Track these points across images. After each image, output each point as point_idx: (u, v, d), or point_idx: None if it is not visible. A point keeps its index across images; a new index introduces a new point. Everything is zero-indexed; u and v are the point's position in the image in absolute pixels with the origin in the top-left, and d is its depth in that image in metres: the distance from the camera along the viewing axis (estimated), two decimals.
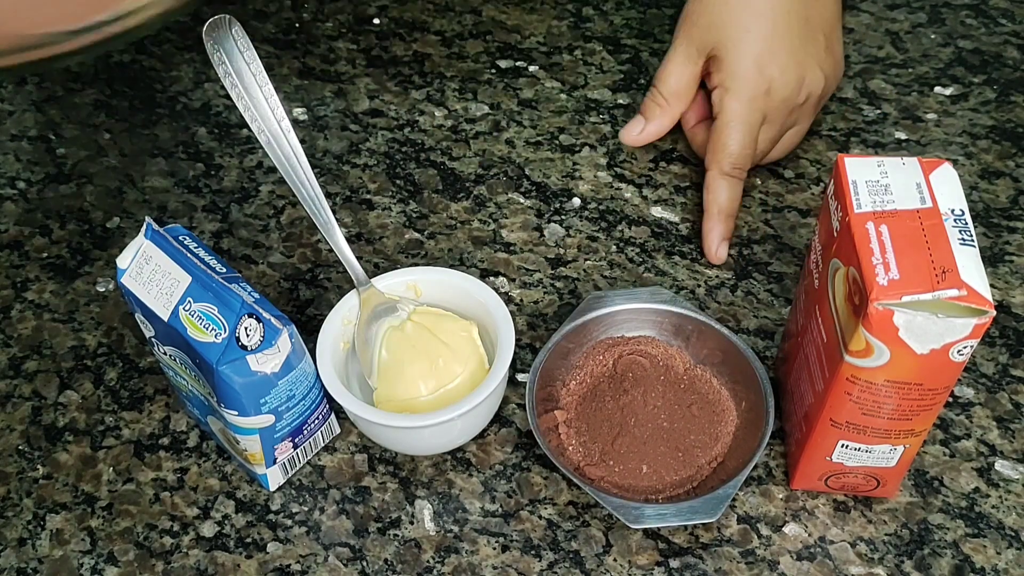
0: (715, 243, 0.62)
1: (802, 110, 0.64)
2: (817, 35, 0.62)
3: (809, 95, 0.62)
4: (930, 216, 0.42)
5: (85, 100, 0.76)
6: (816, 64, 0.62)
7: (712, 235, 0.62)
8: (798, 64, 0.61)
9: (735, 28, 0.61)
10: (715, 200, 0.62)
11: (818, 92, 0.63)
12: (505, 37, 0.80)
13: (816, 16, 0.62)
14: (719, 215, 0.62)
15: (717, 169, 0.62)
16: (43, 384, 0.58)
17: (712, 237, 0.62)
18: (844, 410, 0.45)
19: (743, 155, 0.61)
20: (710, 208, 0.62)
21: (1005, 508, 0.51)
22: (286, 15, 0.83)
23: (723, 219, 0.62)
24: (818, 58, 0.62)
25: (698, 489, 0.51)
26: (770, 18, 0.60)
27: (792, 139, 0.66)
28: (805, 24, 0.61)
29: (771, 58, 0.60)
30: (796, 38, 0.61)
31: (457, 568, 0.50)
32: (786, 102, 0.61)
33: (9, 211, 0.68)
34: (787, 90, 0.61)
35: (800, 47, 0.61)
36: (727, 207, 0.62)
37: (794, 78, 0.61)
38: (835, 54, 0.64)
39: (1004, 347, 0.58)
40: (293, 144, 0.52)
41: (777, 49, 0.60)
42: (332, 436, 0.55)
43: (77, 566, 0.51)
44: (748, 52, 0.60)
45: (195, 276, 0.48)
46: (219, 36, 0.49)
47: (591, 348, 0.56)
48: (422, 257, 0.64)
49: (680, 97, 0.64)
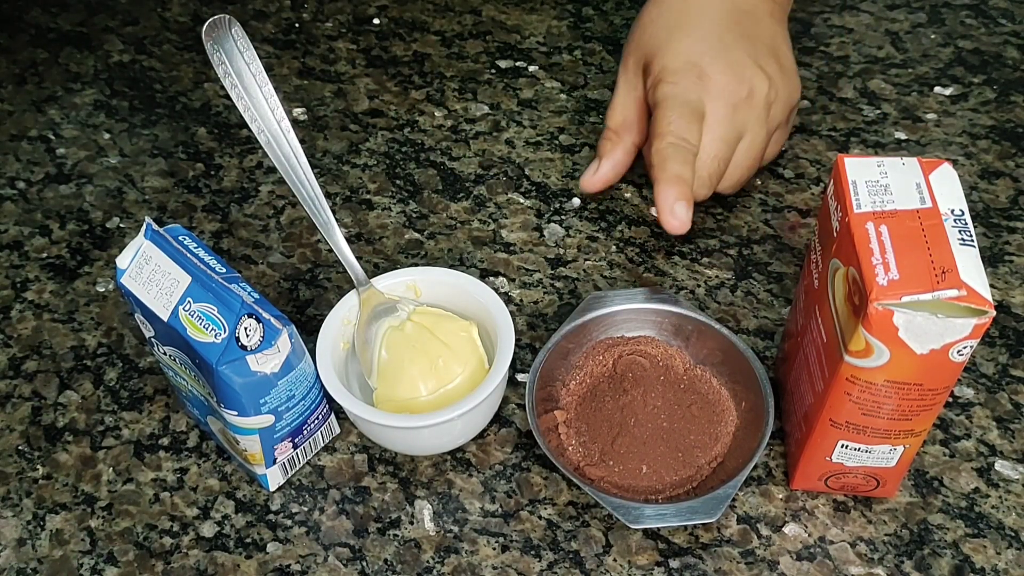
0: (669, 202, 0.56)
1: (749, 111, 0.60)
2: (754, 42, 0.61)
3: (752, 91, 0.59)
4: (930, 216, 0.42)
5: (85, 100, 0.76)
6: (754, 63, 0.60)
7: (664, 195, 0.56)
8: (731, 59, 0.60)
9: (665, 37, 0.61)
10: (662, 164, 0.57)
11: (763, 92, 0.60)
12: (505, 37, 0.80)
13: (751, 29, 0.62)
14: (668, 179, 0.56)
15: (660, 140, 0.58)
16: (43, 384, 0.58)
17: (664, 197, 0.56)
18: (844, 410, 0.45)
19: (687, 129, 0.58)
20: (658, 175, 0.57)
21: (1005, 508, 0.51)
22: (286, 15, 0.83)
23: (675, 180, 0.56)
24: (755, 58, 0.60)
25: (698, 489, 0.51)
26: (699, 26, 0.61)
27: (750, 151, 0.61)
28: (738, 31, 0.61)
29: (701, 53, 0.59)
30: (728, 40, 0.60)
31: (457, 568, 0.50)
32: (724, 92, 0.59)
33: (9, 211, 0.68)
34: (722, 77, 0.59)
35: (733, 46, 0.60)
36: (677, 170, 0.57)
37: (726, 66, 0.59)
38: (781, 61, 0.62)
39: (1004, 347, 0.58)
40: (293, 144, 0.52)
41: (707, 47, 0.60)
42: (332, 436, 0.55)
43: (77, 566, 0.51)
44: (678, 49, 0.60)
45: (195, 276, 0.48)
46: (219, 36, 0.49)
47: (591, 348, 0.56)
48: (422, 257, 0.64)
49: (629, 127, 0.63)
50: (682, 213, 0.56)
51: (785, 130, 0.65)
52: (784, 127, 0.64)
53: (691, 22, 0.61)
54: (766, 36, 0.62)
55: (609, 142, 0.64)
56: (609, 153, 0.63)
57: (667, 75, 0.60)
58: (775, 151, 0.65)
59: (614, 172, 0.64)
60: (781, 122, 0.63)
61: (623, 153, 0.63)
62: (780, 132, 0.64)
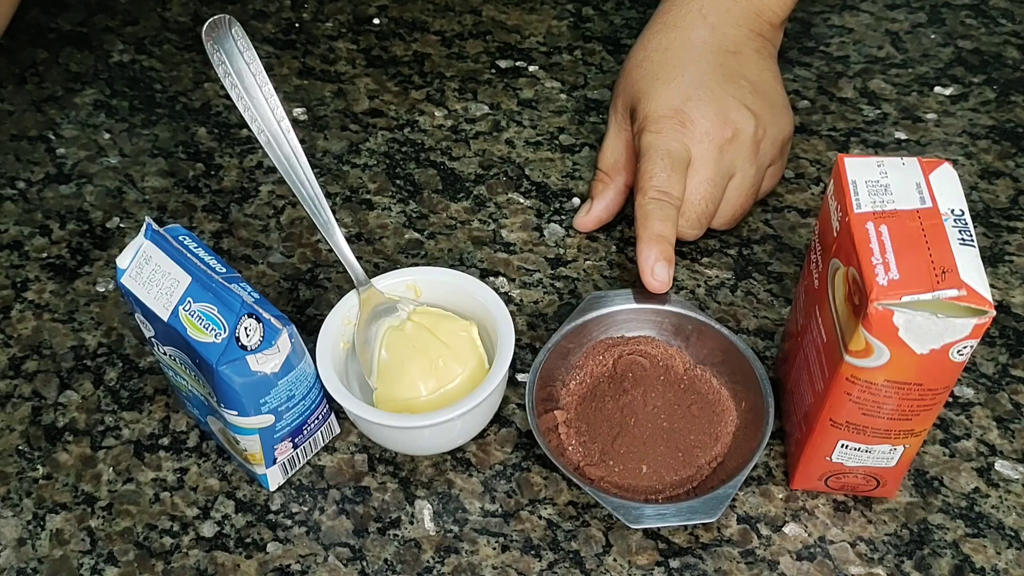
0: (650, 262, 0.55)
1: (737, 151, 0.59)
2: (738, 82, 0.61)
3: (736, 131, 0.59)
4: (930, 216, 0.42)
5: (85, 100, 0.76)
6: (739, 104, 0.60)
7: (645, 255, 0.56)
8: (715, 102, 0.59)
9: (650, 82, 0.62)
10: (644, 222, 0.57)
11: (749, 131, 0.59)
12: (505, 37, 0.80)
13: (736, 69, 0.62)
14: (650, 238, 0.56)
15: (642, 196, 0.58)
16: (43, 384, 0.58)
17: (645, 257, 0.56)
18: (844, 410, 0.45)
19: (668, 182, 0.57)
20: (640, 232, 0.57)
21: (1005, 508, 0.51)
22: (286, 15, 0.83)
23: (656, 240, 0.56)
24: (741, 98, 0.60)
25: (698, 489, 0.51)
26: (681, 72, 0.61)
27: (740, 189, 0.61)
28: (721, 74, 0.61)
29: (684, 99, 0.60)
30: (712, 84, 0.60)
31: (457, 568, 0.50)
32: (708, 135, 0.59)
33: (9, 211, 0.68)
34: (705, 121, 0.59)
35: (717, 89, 0.60)
36: (659, 228, 0.56)
37: (709, 110, 0.59)
38: (769, 98, 0.62)
39: (1004, 347, 0.58)
40: (293, 144, 0.52)
41: (690, 93, 0.60)
42: (332, 436, 0.55)
43: (77, 566, 0.51)
44: (662, 95, 0.60)
45: (195, 276, 0.48)
46: (219, 36, 0.49)
47: (591, 348, 0.56)
48: (422, 257, 0.64)
49: (619, 168, 0.64)
50: (662, 274, 0.56)
51: (780, 164, 0.64)
52: (779, 161, 0.64)
53: (674, 68, 0.61)
54: (752, 75, 0.62)
55: (601, 183, 0.64)
56: (601, 194, 0.64)
57: (650, 124, 0.60)
58: (771, 185, 0.65)
59: (607, 212, 0.64)
60: (774, 157, 0.62)
61: (615, 193, 0.64)
62: (775, 167, 0.64)
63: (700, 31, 0.63)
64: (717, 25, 0.63)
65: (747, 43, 0.63)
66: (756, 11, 0.64)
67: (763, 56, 0.64)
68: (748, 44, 0.63)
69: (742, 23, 0.63)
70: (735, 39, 0.63)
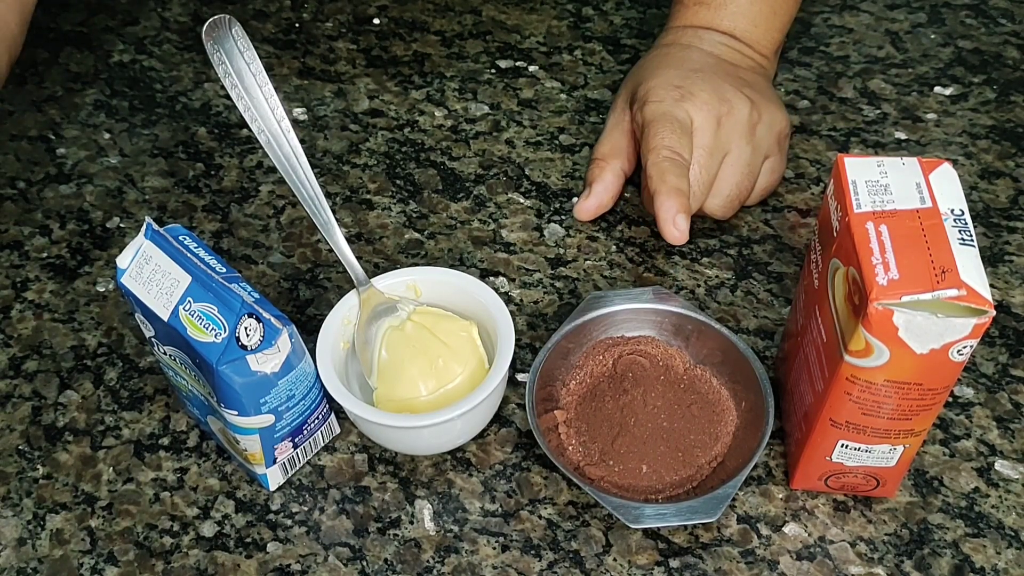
0: (671, 213, 0.57)
1: (732, 127, 0.60)
2: (735, 77, 0.63)
3: (732, 108, 0.60)
4: (930, 216, 0.42)
5: (85, 100, 0.76)
6: (735, 89, 0.62)
7: (666, 207, 0.57)
8: (714, 82, 0.62)
9: (651, 70, 0.64)
10: (661, 176, 0.57)
11: (744, 111, 0.61)
12: (505, 37, 0.80)
13: (731, 70, 0.64)
14: (668, 191, 0.57)
15: (655, 155, 0.58)
16: (43, 384, 0.58)
17: (667, 208, 0.57)
18: (844, 410, 0.45)
19: (678, 143, 0.58)
20: (658, 186, 0.57)
21: (1005, 508, 0.51)
22: (286, 15, 0.83)
23: (676, 192, 0.57)
24: (737, 86, 0.62)
25: (698, 489, 0.51)
26: (681, 63, 0.64)
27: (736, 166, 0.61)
28: (721, 70, 0.64)
29: (683, 78, 0.62)
30: (710, 72, 0.63)
31: (457, 568, 0.50)
32: (707, 105, 0.60)
33: (9, 211, 0.68)
34: (705, 94, 0.61)
35: (715, 77, 0.62)
36: (675, 182, 0.57)
37: (710, 88, 0.61)
38: (764, 93, 0.63)
39: (1004, 347, 0.58)
40: (293, 144, 0.52)
41: (690, 74, 0.62)
42: (332, 436, 0.55)
43: (77, 566, 0.51)
44: (663, 75, 0.63)
45: (195, 276, 0.48)
46: (219, 36, 0.49)
47: (591, 348, 0.56)
48: (422, 257, 0.64)
49: (616, 151, 0.64)
50: (683, 224, 0.57)
51: (779, 160, 0.64)
52: (776, 156, 0.64)
53: (674, 60, 0.65)
54: (748, 78, 0.64)
55: (598, 168, 0.64)
56: (599, 178, 0.64)
57: (651, 95, 0.62)
58: (770, 183, 0.64)
59: (608, 194, 0.64)
60: (771, 148, 0.63)
61: (613, 175, 0.64)
62: (773, 161, 0.63)
63: (699, 53, 0.66)
64: (714, 52, 0.66)
65: (745, 60, 0.67)
66: (747, 43, 0.67)
67: (759, 74, 0.67)
68: (746, 61, 0.67)
69: (736, 54, 0.67)
70: (731, 60, 0.66)
